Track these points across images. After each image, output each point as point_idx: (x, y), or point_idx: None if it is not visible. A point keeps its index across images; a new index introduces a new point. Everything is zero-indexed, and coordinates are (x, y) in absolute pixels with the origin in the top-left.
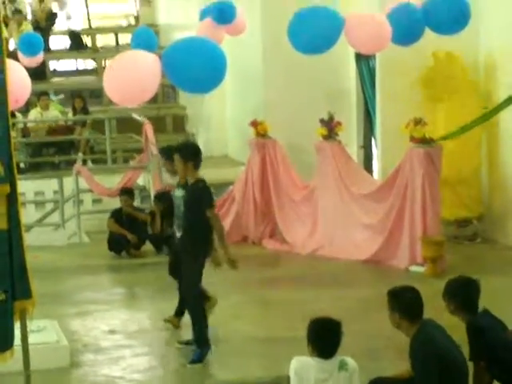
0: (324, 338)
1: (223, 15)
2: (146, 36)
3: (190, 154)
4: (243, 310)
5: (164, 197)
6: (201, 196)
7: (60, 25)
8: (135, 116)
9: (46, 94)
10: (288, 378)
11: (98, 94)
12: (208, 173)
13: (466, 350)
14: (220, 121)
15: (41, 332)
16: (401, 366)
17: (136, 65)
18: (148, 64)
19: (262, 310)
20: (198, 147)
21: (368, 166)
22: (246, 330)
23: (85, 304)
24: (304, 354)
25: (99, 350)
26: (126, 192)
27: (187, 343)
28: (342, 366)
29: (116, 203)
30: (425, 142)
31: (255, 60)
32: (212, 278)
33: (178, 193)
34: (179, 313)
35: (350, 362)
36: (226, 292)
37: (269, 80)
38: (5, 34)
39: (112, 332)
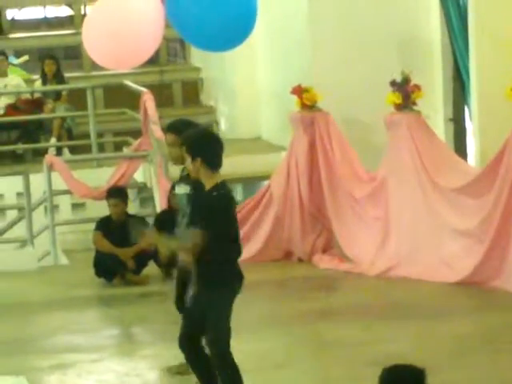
0: None
1: None
2: None
3: (199, 145)
4: (289, 355)
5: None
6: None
7: None
8: (129, 84)
9: (1, 54)
10: None
11: (75, 53)
12: (234, 162)
13: None
14: (250, 89)
15: None
16: None
17: (129, 11)
18: (146, 10)
19: (314, 354)
20: (211, 135)
21: (460, 146)
22: (294, 382)
23: (64, 353)
24: None
25: None
26: (115, 193)
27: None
28: None
29: (105, 209)
30: None
31: (298, 6)
32: (243, 312)
33: (180, 189)
34: None
35: None
36: (264, 330)
37: (317, 33)
38: None
39: None
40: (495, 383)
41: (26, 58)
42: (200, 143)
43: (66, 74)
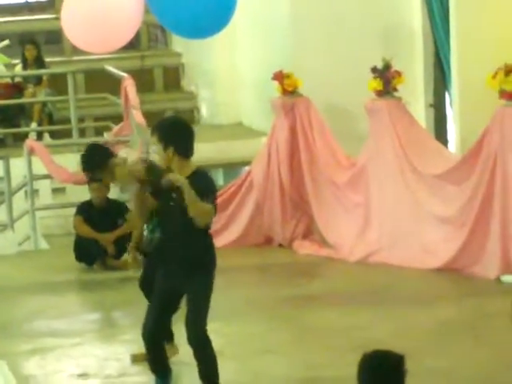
0: (380, 379)
1: None
2: None
3: (170, 133)
4: (271, 341)
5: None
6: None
7: None
8: (110, 69)
9: None
10: None
11: (56, 38)
12: (215, 148)
13: None
14: (231, 75)
15: None
16: None
17: None
18: None
19: (296, 340)
20: (183, 122)
21: (441, 133)
22: (277, 368)
23: (44, 337)
24: None
25: None
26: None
27: None
28: None
29: (85, 193)
30: None
31: None
32: (224, 297)
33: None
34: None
35: None
36: (247, 317)
37: (299, 19)
38: None
39: (83, 376)
40: (475, 369)
41: (6, 42)
42: (172, 131)
43: (47, 59)
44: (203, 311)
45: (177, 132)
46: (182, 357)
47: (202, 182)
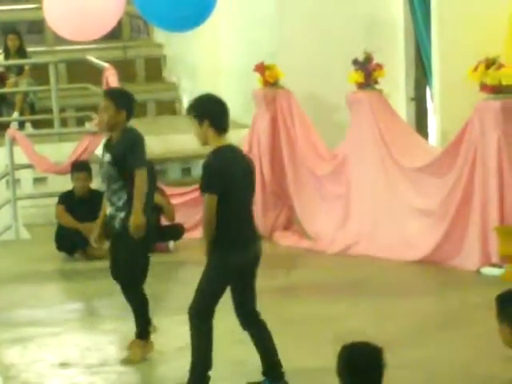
0: (358, 371)
1: None
2: None
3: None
4: None
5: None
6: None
7: None
8: (92, 59)
9: None
10: None
11: (38, 28)
12: (196, 139)
13: None
14: (213, 66)
15: None
16: None
17: None
18: None
19: (276, 331)
20: (217, 98)
21: (421, 126)
22: (256, 358)
23: (25, 326)
24: None
25: None
26: (81, 167)
27: None
28: None
29: (66, 183)
30: (501, 91)
31: None
32: None
33: (105, 157)
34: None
35: None
36: (226, 307)
37: (281, 11)
38: None
39: (64, 365)
40: (453, 361)
41: None
42: (207, 106)
43: (29, 49)
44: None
45: (212, 106)
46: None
47: (204, 172)
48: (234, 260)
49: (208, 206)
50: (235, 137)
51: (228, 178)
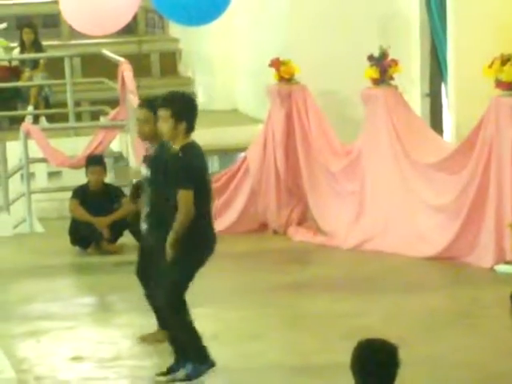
0: (374, 368)
1: None
2: None
3: (186, 110)
4: (264, 327)
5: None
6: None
7: None
8: (107, 53)
9: None
10: None
11: (54, 21)
12: (211, 134)
13: None
14: (228, 61)
15: None
16: None
17: None
18: None
19: (288, 326)
20: (194, 100)
21: (436, 122)
22: (268, 355)
23: (38, 320)
24: None
25: None
26: (96, 161)
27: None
28: None
29: (81, 178)
30: None
31: None
32: (218, 283)
33: (143, 170)
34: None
35: None
36: (238, 302)
37: (296, 6)
38: None
39: (77, 359)
40: (467, 357)
41: (4, 25)
42: (187, 108)
43: (44, 43)
44: None
45: (191, 108)
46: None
47: (182, 166)
48: (206, 253)
49: (186, 202)
50: (249, 132)
51: (200, 173)
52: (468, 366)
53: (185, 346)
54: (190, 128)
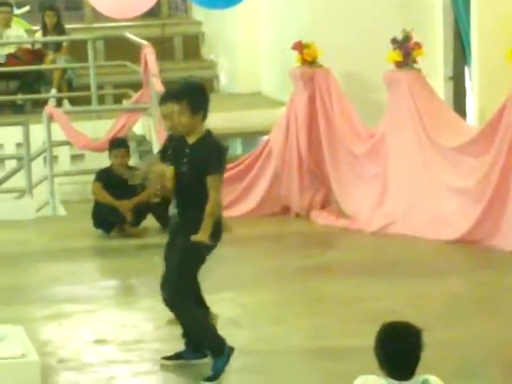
0: (398, 351)
1: None
2: None
3: (201, 99)
4: (285, 311)
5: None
6: (208, 156)
7: None
8: (130, 36)
9: (6, 4)
10: None
11: (77, 4)
12: (234, 117)
13: None
14: (251, 44)
15: (0, 342)
16: None
17: None
18: None
19: (311, 310)
20: (205, 87)
21: (459, 105)
22: (290, 338)
23: (61, 303)
24: (371, 372)
25: (82, 368)
26: (120, 144)
27: (177, 358)
28: None
29: (104, 161)
30: None
31: None
32: (239, 267)
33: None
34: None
35: (436, 382)
36: (260, 286)
37: None
38: None
39: (100, 342)
40: (488, 342)
41: (27, 8)
42: (201, 97)
43: (67, 26)
44: None
45: (206, 98)
46: None
47: (210, 152)
48: (217, 240)
49: (217, 186)
50: (272, 115)
51: (225, 159)
52: (489, 350)
53: (195, 336)
54: (206, 116)
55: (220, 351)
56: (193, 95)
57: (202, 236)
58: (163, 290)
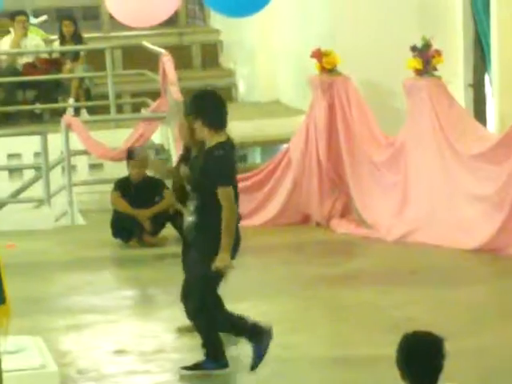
0: (420, 361)
1: None
2: None
3: (202, 109)
4: (305, 320)
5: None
6: (213, 168)
7: None
8: (148, 45)
9: (22, 13)
10: None
11: (94, 13)
12: (253, 125)
13: None
14: (269, 52)
15: (19, 353)
16: None
17: None
18: None
19: (331, 318)
20: (211, 94)
21: (480, 112)
22: (310, 347)
23: (80, 313)
24: (392, 382)
25: (102, 378)
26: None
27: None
28: None
29: (122, 170)
30: None
31: None
32: (260, 275)
33: (184, 170)
34: None
35: None
36: (281, 294)
37: None
38: None
39: (120, 352)
40: (510, 352)
41: (44, 17)
42: (198, 104)
43: (85, 35)
44: None
45: (204, 104)
46: None
47: (217, 166)
48: (237, 251)
49: (230, 198)
50: (291, 123)
51: (235, 171)
52: (510, 359)
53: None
54: (215, 124)
55: (216, 359)
56: (201, 108)
57: (222, 260)
58: (186, 303)
